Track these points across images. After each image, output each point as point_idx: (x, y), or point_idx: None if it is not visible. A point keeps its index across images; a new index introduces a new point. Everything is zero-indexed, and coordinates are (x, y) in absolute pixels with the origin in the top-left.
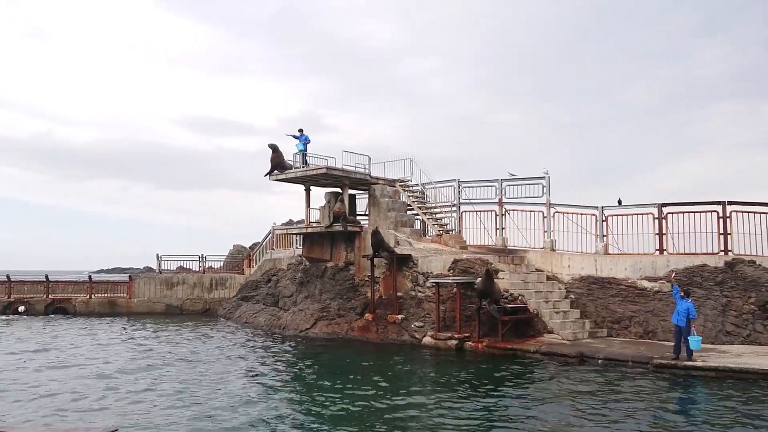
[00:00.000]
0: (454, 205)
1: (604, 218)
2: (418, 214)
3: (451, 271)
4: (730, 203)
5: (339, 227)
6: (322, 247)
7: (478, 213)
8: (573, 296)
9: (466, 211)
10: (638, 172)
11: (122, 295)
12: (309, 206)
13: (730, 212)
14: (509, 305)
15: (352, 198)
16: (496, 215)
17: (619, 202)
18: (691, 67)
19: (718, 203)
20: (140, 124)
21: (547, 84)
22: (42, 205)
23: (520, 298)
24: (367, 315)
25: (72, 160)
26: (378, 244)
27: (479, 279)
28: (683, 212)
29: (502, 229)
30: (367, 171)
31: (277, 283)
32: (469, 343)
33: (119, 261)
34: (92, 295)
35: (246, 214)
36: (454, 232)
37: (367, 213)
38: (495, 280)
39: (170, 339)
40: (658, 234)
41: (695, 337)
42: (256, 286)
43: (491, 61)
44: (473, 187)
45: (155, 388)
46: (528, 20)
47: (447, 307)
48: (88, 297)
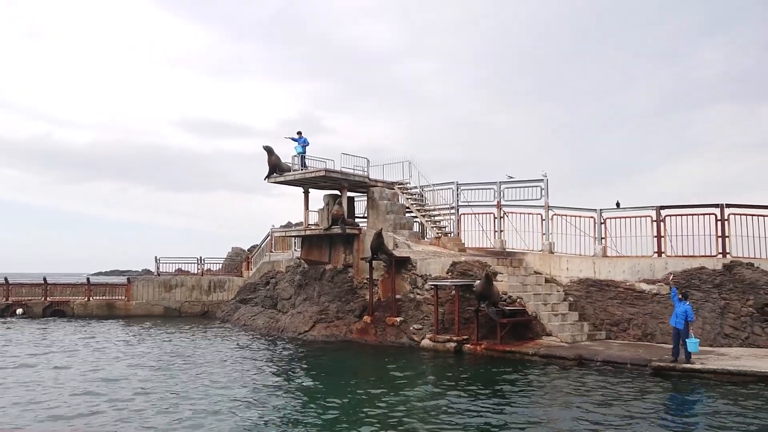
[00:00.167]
0: (452, 208)
1: (603, 221)
2: (416, 217)
3: (450, 273)
4: (728, 206)
5: (338, 230)
6: (320, 250)
7: (477, 215)
8: (571, 299)
9: (464, 214)
10: (638, 172)
11: (120, 297)
12: (308, 208)
13: (728, 215)
14: (508, 308)
15: (351, 200)
16: (495, 218)
17: (618, 204)
18: (691, 68)
19: (716, 206)
20: (139, 125)
21: (547, 84)
22: (41, 207)
23: (518, 300)
24: (365, 317)
25: (71, 162)
26: (378, 247)
27: (478, 281)
28: (681, 215)
29: (501, 231)
30: (365, 173)
31: (275, 286)
32: (468, 345)
33: (118, 263)
34: (90, 298)
35: (245, 216)
36: (452, 235)
37: (365, 215)
38: (493, 282)
39: (167, 342)
40: (656, 237)
41: (693, 340)
42: (254, 289)
43: (491, 61)
44: (472, 189)
45: (152, 391)
46: (528, 20)
47: (445, 309)
48: (87, 299)
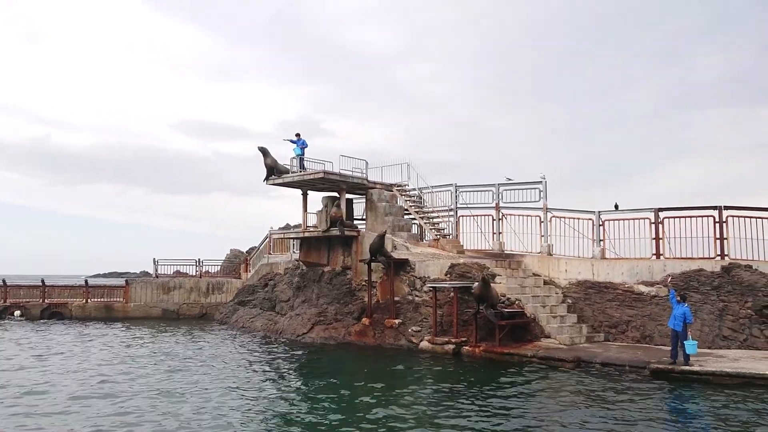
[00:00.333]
0: (451, 210)
1: (601, 223)
2: (415, 219)
3: (448, 275)
4: (727, 208)
5: (336, 232)
6: (319, 252)
7: (475, 217)
8: (570, 301)
9: (463, 216)
10: (638, 172)
11: (119, 299)
12: (306, 210)
13: (727, 217)
14: (506, 310)
15: (350, 202)
16: (493, 220)
17: (616, 206)
18: (691, 69)
19: (715, 208)
20: (137, 127)
21: (547, 84)
22: (40, 210)
23: (517, 302)
24: (364, 319)
25: (69, 164)
26: (378, 248)
27: (476, 283)
28: (680, 217)
29: (500, 233)
30: (364, 175)
31: (274, 288)
32: (467, 347)
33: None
34: (88, 300)
35: (243, 218)
36: (451, 237)
37: (364, 217)
38: (492, 284)
39: (165, 344)
40: (654, 238)
41: (692, 342)
42: (252, 291)
43: (491, 61)
44: (470, 191)
45: (150, 393)
46: (528, 20)
47: (444, 311)
48: (85, 301)
